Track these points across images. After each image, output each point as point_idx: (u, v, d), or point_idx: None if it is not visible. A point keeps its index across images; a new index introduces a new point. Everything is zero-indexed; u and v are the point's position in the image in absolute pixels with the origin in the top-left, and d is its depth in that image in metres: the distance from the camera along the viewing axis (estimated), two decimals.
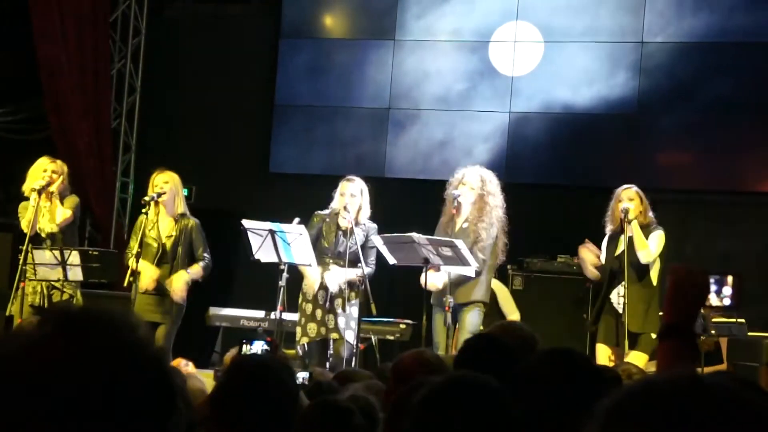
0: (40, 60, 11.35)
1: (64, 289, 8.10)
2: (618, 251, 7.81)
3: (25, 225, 8.14)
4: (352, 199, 8.16)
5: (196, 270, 8.16)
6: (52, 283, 8.06)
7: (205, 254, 8.23)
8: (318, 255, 8.10)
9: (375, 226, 8.27)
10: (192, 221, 8.26)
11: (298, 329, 8.21)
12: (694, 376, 1.21)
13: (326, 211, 8.28)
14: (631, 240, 7.72)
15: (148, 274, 8.03)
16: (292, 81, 11.79)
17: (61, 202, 8.27)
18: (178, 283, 8.06)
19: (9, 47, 11.77)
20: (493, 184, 8.19)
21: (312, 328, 8.17)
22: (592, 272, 7.92)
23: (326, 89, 11.68)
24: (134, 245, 8.09)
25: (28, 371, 1.17)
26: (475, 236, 7.99)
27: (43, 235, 8.20)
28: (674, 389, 1.18)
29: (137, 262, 8.01)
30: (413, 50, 11.45)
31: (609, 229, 7.94)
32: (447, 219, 8.15)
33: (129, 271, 8.00)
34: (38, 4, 11.31)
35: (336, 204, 8.22)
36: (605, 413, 1.20)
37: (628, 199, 7.82)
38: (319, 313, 8.16)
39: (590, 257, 7.93)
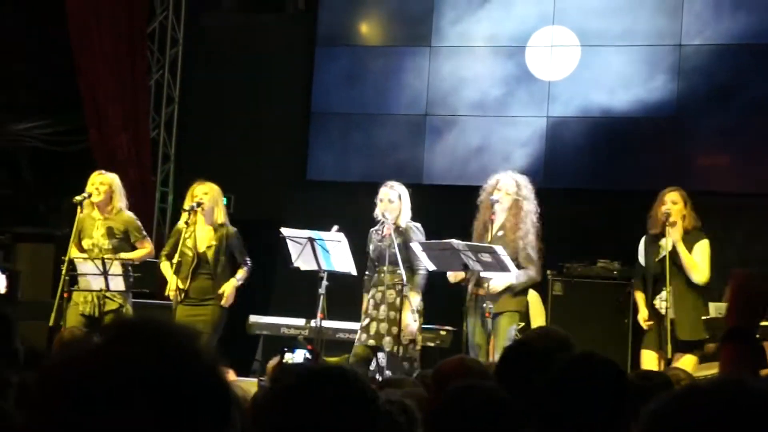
0: (78, 72, 11.45)
1: (114, 299, 8.18)
2: (660, 256, 7.75)
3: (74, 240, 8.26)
4: (390, 204, 8.20)
5: (242, 275, 8.46)
6: (104, 292, 8.15)
7: (246, 258, 8.51)
8: (372, 263, 8.28)
9: (417, 225, 8.26)
10: (230, 229, 8.40)
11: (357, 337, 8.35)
12: (739, 381, 1.20)
13: (377, 226, 8.35)
14: (674, 245, 7.66)
15: (171, 282, 8.24)
16: (328, 88, 11.80)
17: (115, 214, 8.39)
18: (229, 289, 8.33)
19: (48, 60, 11.87)
20: (527, 188, 8.17)
21: (359, 335, 8.23)
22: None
23: (363, 96, 11.68)
24: (167, 249, 8.43)
25: (88, 377, 1.18)
26: (514, 250, 7.93)
27: (96, 251, 8.27)
28: (717, 394, 1.18)
29: (175, 272, 8.12)
30: (449, 56, 11.43)
31: (651, 231, 7.88)
32: (481, 226, 8.11)
33: (170, 282, 8.11)
34: (76, 16, 11.42)
35: (377, 211, 8.26)
36: (649, 416, 1.20)
37: (672, 202, 7.76)
38: (365, 321, 8.20)
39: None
